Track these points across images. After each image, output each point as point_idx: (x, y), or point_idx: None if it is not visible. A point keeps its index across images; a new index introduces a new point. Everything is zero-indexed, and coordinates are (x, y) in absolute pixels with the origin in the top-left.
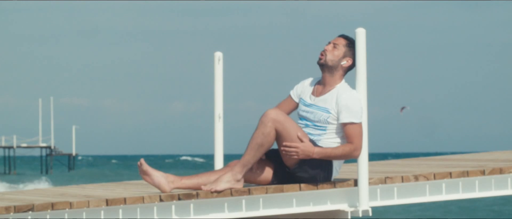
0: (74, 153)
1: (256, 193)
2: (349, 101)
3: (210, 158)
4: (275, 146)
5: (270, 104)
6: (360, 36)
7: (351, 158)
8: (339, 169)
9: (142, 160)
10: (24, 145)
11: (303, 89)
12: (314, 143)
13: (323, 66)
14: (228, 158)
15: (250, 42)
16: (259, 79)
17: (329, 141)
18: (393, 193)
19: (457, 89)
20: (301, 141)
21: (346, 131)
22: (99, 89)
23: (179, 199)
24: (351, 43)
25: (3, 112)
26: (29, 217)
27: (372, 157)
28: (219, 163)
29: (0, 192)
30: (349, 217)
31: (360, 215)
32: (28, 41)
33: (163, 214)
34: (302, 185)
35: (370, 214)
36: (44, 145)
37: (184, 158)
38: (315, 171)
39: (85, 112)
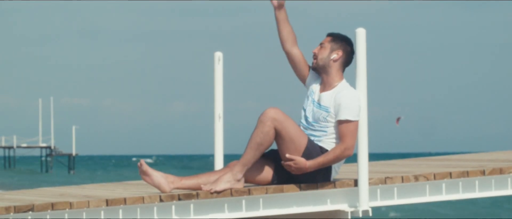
0: (74, 153)
1: (256, 193)
2: (347, 98)
3: (161, 158)
4: (275, 146)
5: (270, 104)
6: (360, 36)
7: (344, 157)
8: (338, 169)
9: (142, 161)
10: (24, 145)
11: (313, 81)
12: (313, 145)
13: (316, 69)
14: (228, 158)
15: (250, 42)
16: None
17: (330, 140)
18: (393, 193)
19: (457, 90)
20: (292, 159)
21: (340, 129)
22: (99, 89)
23: (179, 199)
24: (335, 37)
25: (3, 112)
26: (29, 217)
27: (372, 157)
28: (219, 163)
29: (0, 192)
30: (349, 217)
31: (360, 215)
32: (29, 42)
33: (163, 214)
34: (302, 185)
35: (370, 214)
36: (44, 145)
37: (134, 159)
38: (315, 171)
39: (85, 112)
